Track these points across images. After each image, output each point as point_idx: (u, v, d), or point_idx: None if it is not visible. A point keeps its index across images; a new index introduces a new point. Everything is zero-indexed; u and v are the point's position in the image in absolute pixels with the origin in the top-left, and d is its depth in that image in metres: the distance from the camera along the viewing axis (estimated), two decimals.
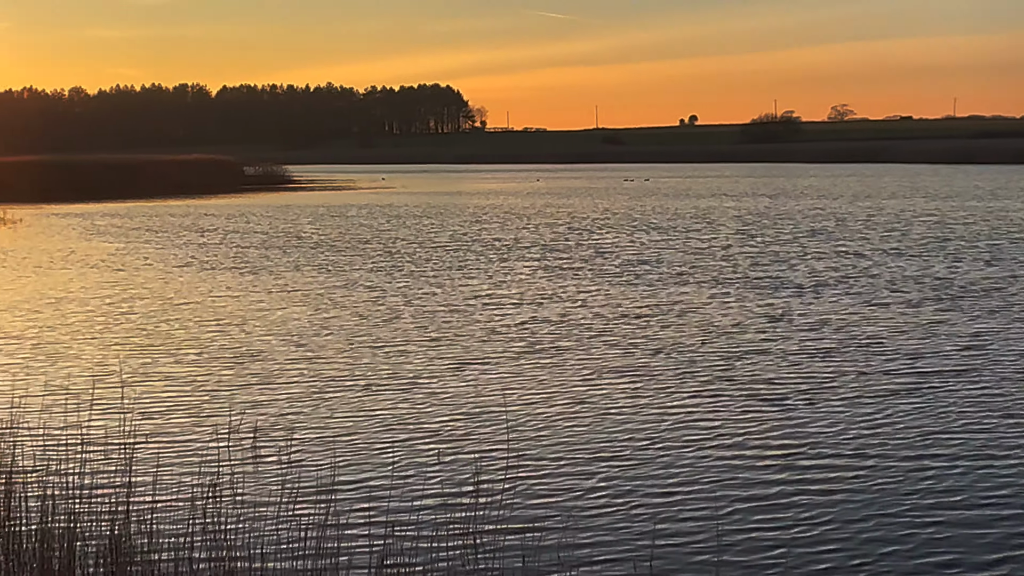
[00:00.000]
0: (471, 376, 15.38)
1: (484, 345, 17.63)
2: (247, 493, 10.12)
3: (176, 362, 16.58)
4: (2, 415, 12.44)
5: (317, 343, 18.01)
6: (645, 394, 14.20)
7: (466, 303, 22.39)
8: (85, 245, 37.53)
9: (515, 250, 33.71)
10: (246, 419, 12.90)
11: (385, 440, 12.13)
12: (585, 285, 25.04)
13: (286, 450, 11.66)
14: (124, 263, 31.38)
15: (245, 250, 34.92)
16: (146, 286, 26.03)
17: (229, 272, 28.82)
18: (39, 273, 29.01)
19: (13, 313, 21.76)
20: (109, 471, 10.35)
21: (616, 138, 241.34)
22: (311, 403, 13.90)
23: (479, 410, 13.44)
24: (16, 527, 8.06)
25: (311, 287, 25.42)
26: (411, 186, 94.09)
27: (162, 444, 11.88)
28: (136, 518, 8.42)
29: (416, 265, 29.75)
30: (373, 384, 14.93)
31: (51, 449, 11.28)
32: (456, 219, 48.72)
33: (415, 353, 17.06)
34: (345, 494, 10.20)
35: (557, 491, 10.39)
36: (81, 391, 14.17)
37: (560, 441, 12.06)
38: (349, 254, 33.16)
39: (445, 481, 10.64)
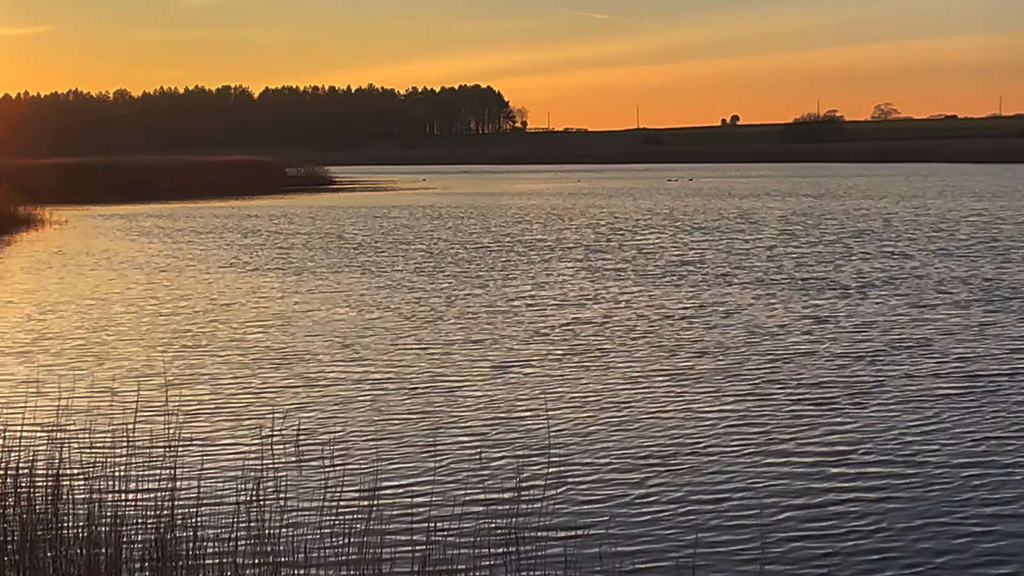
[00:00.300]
0: (514, 378, 15.32)
1: (527, 347, 17.55)
2: (290, 495, 10.11)
3: (220, 364, 16.62)
4: (49, 416, 12.50)
5: (360, 345, 18.00)
6: (690, 397, 14.06)
7: (509, 305, 22.32)
8: (129, 246, 37.80)
9: (557, 251, 33.58)
10: (289, 421, 12.92)
11: (428, 442, 12.10)
12: (628, 286, 24.89)
13: (329, 452, 11.66)
14: (168, 264, 31.57)
15: (288, 251, 35.03)
16: (190, 287, 26.15)
17: (272, 273, 28.91)
18: (84, 274, 29.23)
19: (59, 314, 21.92)
20: (154, 473, 10.40)
21: (657, 138, 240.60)
22: (354, 405, 13.90)
23: (521, 413, 13.38)
24: (63, 528, 8.10)
25: (354, 288, 25.44)
26: (452, 187, 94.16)
27: (206, 446, 11.92)
28: (181, 520, 8.44)
29: (459, 266, 29.70)
30: (416, 386, 14.91)
31: (97, 450, 11.33)
32: (498, 220, 48.65)
33: (458, 355, 17.02)
34: (388, 497, 10.17)
35: (600, 496, 10.32)
36: (127, 393, 14.25)
37: (603, 445, 11.98)
38: (392, 255, 33.18)
39: (487, 484, 10.60)
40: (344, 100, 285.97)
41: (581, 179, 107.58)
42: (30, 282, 27.49)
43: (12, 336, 19.25)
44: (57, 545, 7.91)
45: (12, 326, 20.40)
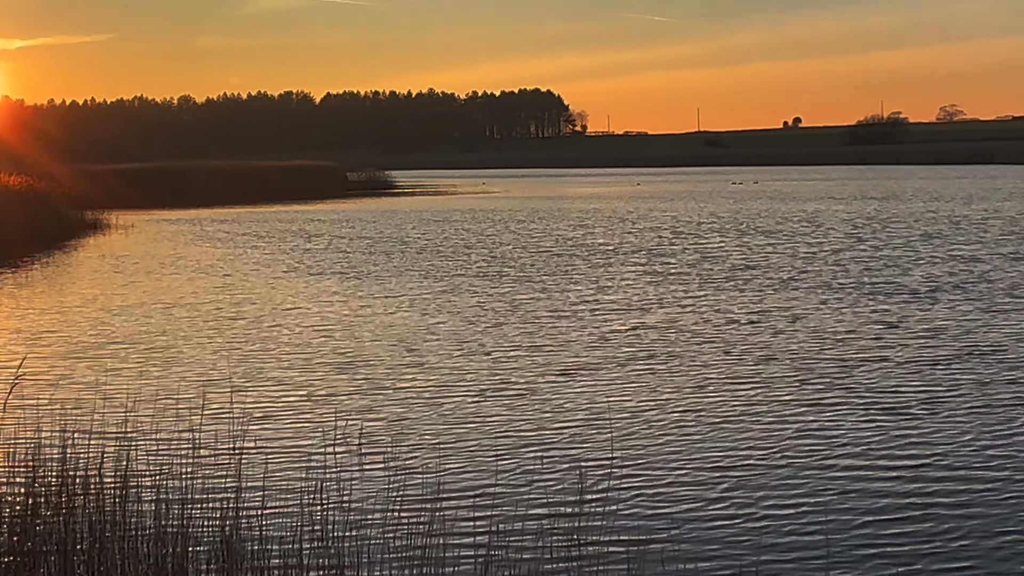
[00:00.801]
0: (577, 383, 15.26)
1: (590, 352, 17.46)
2: (354, 497, 10.14)
3: (284, 367, 16.72)
4: (117, 418, 12.60)
5: (423, 349, 18.00)
6: (756, 403, 13.89)
7: (571, 308, 22.22)
8: (194, 250, 38.17)
9: (620, 255, 33.42)
10: (353, 424, 12.96)
11: (490, 446, 12.10)
12: (692, 291, 24.67)
13: (392, 456, 11.68)
14: (232, 268, 31.81)
15: (350, 255, 35.17)
16: (254, 291, 26.33)
17: (335, 277, 29.03)
18: (149, 278, 29.54)
19: (125, 318, 22.15)
20: (220, 475, 10.49)
21: (718, 141, 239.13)
22: (417, 408, 13.92)
23: (584, 417, 13.33)
24: (131, 528, 8.18)
25: (416, 292, 25.46)
26: (512, 190, 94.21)
27: (271, 448, 11.99)
28: (246, 521, 8.50)
29: (520, 270, 29.65)
30: (478, 390, 14.91)
31: (164, 452, 11.42)
32: (559, 223, 48.53)
33: (521, 359, 16.98)
34: (450, 500, 10.18)
35: (663, 500, 10.24)
36: (192, 396, 14.39)
37: (667, 449, 11.90)
38: (454, 259, 33.18)
39: (550, 489, 10.55)
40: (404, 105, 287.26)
41: (640, 182, 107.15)
42: (96, 286, 27.82)
43: (80, 340, 19.47)
44: (125, 544, 7.99)
45: (80, 330, 20.64)
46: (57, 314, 22.74)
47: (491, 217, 54.56)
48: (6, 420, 12.10)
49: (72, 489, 8.50)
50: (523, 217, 53.90)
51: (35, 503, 8.17)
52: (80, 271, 31.54)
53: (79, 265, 33.38)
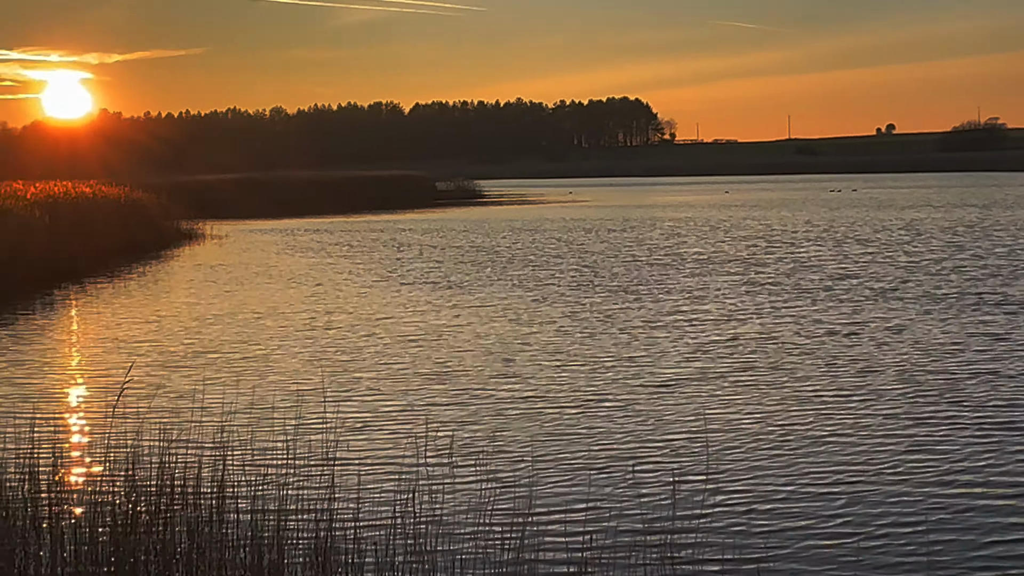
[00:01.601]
0: (671, 395, 15.14)
1: (685, 363, 17.31)
2: (446, 507, 10.17)
3: (377, 377, 16.81)
4: (213, 426, 12.63)
5: (516, 359, 17.93)
6: (858, 417, 13.56)
7: (666, 319, 21.97)
8: (286, 260, 38.52)
9: (714, 264, 33.03)
10: (445, 434, 13.00)
11: (583, 458, 12.05)
12: (789, 301, 24.26)
13: (485, 465, 11.70)
14: (324, 278, 32.01)
15: (442, 265, 35.21)
16: (346, 301, 26.44)
17: (427, 287, 29.05)
18: (243, 288, 29.83)
19: (219, 327, 22.34)
20: (314, 483, 10.60)
21: (809, 148, 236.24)
22: (510, 419, 13.92)
23: (679, 430, 13.22)
24: (228, 534, 8.31)
25: (508, 302, 25.35)
26: (600, 199, 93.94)
27: (364, 457, 12.08)
28: (340, 527, 8.57)
29: (613, 280, 29.41)
30: (571, 401, 14.85)
31: (259, 460, 11.46)
32: (651, 233, 48.16)
33: (613, 370, 16.90)
34: (542, 509, 10.16)
35: (759, 516, 10.08)
36: (286, 404, 14.54)
37: (763, 464, 11.72)
38: (544, 269, 33.03)
39: (643, 501, 10.46)
40: (493, 114, 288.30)
41: (729, 191, 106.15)
42: (191, 296, 28.15)
43: (176, 350, 19.68)
44: (222, 550, 8.12)
45: (175, 340, 20.86)
46: (153, 324, 23.03)
47: (582, 226, 54.34)
48: (109, 428, 12.21)
49: (171, 496, 8.67)
50: (614, 226, 53.60)
51: (135, 509, 8.33)
52: (175, 281, 31.98)
53: (174, 275, 33.86)
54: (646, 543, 9.21)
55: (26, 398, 15.28)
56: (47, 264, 32.43)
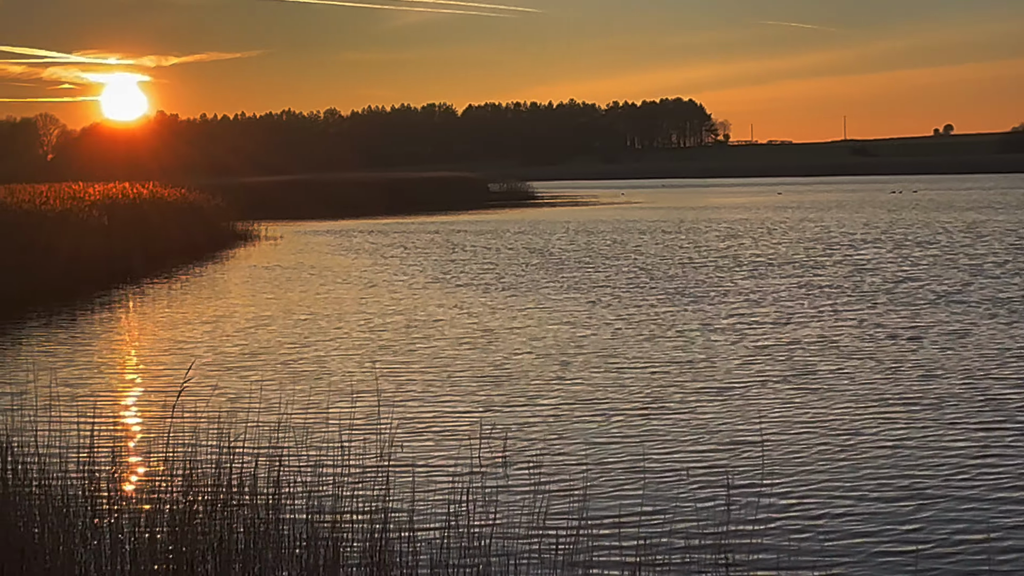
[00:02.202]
0: (727, 398, 15.05)
1: (741, 366, 17.18)
2: (501, 507, 10.16)
3: (431, 377, 16.88)
4: (270, 426, 12.67)
5: (569, 361, 17.88)
6: (917, 422, 13.41)
7: (722, 322, 21.84)
8: (340, 261, 38.68)
9: (770, 266, 32.75)
10: (499, 434, 13.01)
11: (637, 459, 12.01)
12: (848, 304, 23.95)
13: (539, 467, 11.70)
14: (377, 279, 32.10)
15: (494, 267, 35.18)
16: (399, 303, 26.49)
17: (480, 288, 29.03)
18: (297, 289, 29.97)
19: (274, 328, 22.45)
20: (369, 482, 10.62)
21: (865, 149, 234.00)
22: (563, 421, 13.91)
23: (733, 433, 13.14)
24: (284, 532, 8.36)
25: (562, 305, 25.27)
26: (653, 201, 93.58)
27: (418, 457, 12.14)
28: (395, 527, 8.57)
29: (668, 282, 29.25)
30: (625, 403, 14.83)
31: (314, 459, 11.50)
32: (706, 235, 47.85)
33: (668, 372, 16.85)
34: (596, 511, 10.13)
35: (812, 517, 10.02)
36: (341, 404, 14.60)
37: (819, 467, 11.63)
38: (598, 271, 32.92)
39: (697, 504, 10.42)
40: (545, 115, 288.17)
41: (782, 192, 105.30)
42: (246, 296, 28.34)
43: (231, 350, 19.80)
44: (279, 548, 8.19)
45: (231, 340, 21.00)
46: (210, 324, 23.19)
47: (636, 228, 54.13)
48: (167, 427, 12.28)
49: (228, 494, 8.72)
50: (668, 228, 53.32)
51: (193, 507, 8.41)
52: (231, 282, 32.20)
53: (230, 276, 34.10)
54: (700, 546, 9.16)
55: (85, 397, 15.42)
56: (105, 265, 32.80)
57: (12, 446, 8.85)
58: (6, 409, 10.15)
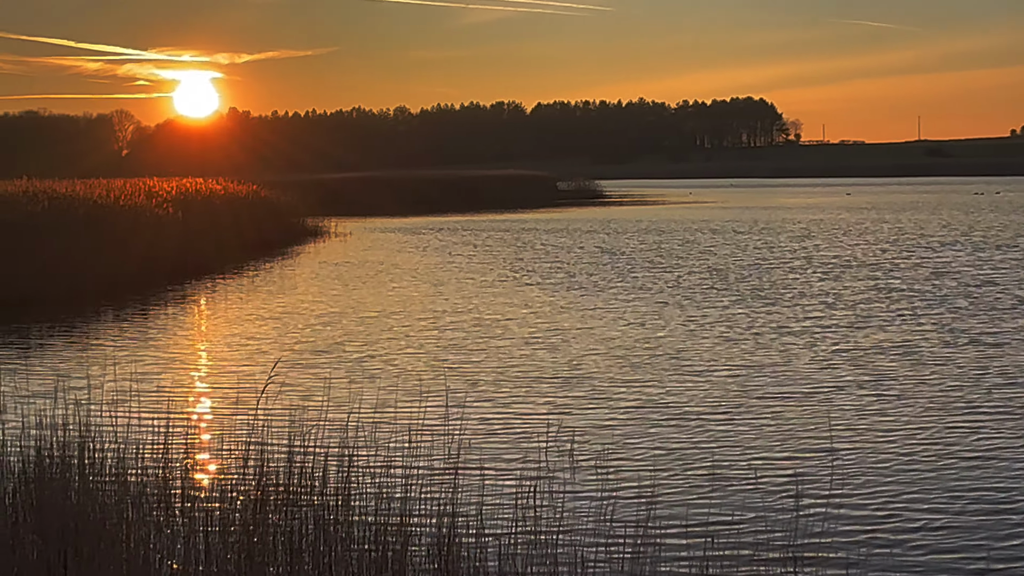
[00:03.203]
0: (797, 400, 14.92)
1: (812, 369, 17.04)
2: (568, 506, 10.19)
3: (498, 375, 16.94)
4: (339, 419, 12.76)
5: (638, 361, 17.90)
6: (995, 431, 13.20)
7: (794, 324, 21.61)
8: (409, 258, 38.88)
9: (844, 268, 32.33)
10: (566, 433, 13.03)
11: (705, 460, 11.99)
12: (924, 308, 23.50)
13: (606, 465, 11.72)
14: (446, 277, 32.22)
15: (563, 265, 35.16)
16: (468, 300, 26.59)
17: (549, 287, 29.02)
18: (367, 285, 30.19)
19: (344, 324, 22.67)
20: (437, 478, 10.66)
21: (940, 150, 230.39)
22: (632, 420, 13.91)
23: (803, 436, 13.05)
24: (353, 526, 8.47)
25: (631, 304, 25.21)
26: (722, 200, 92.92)
27: (486, 455, 12.17)
28: (463, 523, 8.65)
29: (739, 283, 29.01)
30: (694, 404, 14.78)
31: (383, 455, 11.58)
32: (778, 236, 47.40)
33: (738, 374, 16.76)
34: (664, 512, 10.11)
35: (882, 519, 9.95)
36: (409, 401, 14.71)
37: (890, 474, 11.50)
38: (668, 271, 32.75)
39: (765, 505, 10.37)
40: (614, 114, 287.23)
41: (851, 192, 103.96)
42: (317, 292, 28.60)
43: (300, 346, 20.00)
44: (347, 541, 8.29)
45: (300, 336, 21.20)
46: (279, 320, 23.46)
47: (706, 227, 53.79)
48: (239, 424, 12.45)
49: (298, 487, 8.86)
50: (738, 228, 52.91)
51: (264, 502, 8.52)
52: (301, 277, 32.51)
53: (300, 272, 34.43)
54: (768, 552, 9.12)
55: (159, 392, 15.66)
56: (178, 259, 33.27)
57: (90, 439, 9.01)
58: (83, 402, 10.33)
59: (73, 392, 14.41)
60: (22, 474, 8.74)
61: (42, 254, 27.74)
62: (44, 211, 29.95)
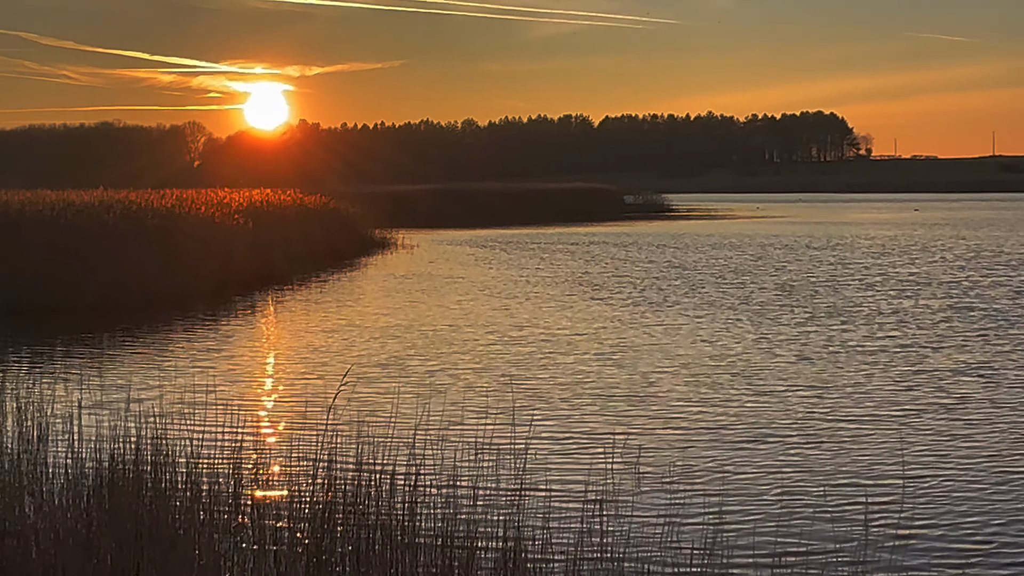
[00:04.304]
0: (869, 422, 14.74)
1: (886, 391, 16.75)
2: (634, 520, 10.15)
3: (565, 388, 16.94)
4: (407, 431, 12.81)
5: (707, 378, 17.84)
6: None
7: (867, 344, 21.09)
8: (476, 271, 38.99)
9: (921, 287, 31.54)
10: (632, 448, 13.02)
11: (772, 480, 11.92)
12: (1006, 329, 22.79)
13: (673, 480, 11.71)
14: (514, 291, 32.25)
15: (631, 280, 35.04)
16: (534, 314, 26.60)
17: (614, 302, 28.98)
18: (434, 298, 30.34)
19: (411, 337, 22.82)
20: (504, 489, 10.73)
21: (1016, 166, 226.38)
22: (699, 437, 13.87)
23: (875, 457, 12.94)
24: (419, 535, 8.55)
25: (700, 320, 25.09)
26: (790, 215, 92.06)
27: (552, 469, 12.20)
28: (529, 533, 8.68)
29: (811, 300, 28.54)
30: (763, 422, 14.68)
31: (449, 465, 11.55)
32: (849, 251, 46.72)
33: (808, 394, 16.58)
34: (730, 528, 10.08)
35: (954, 551, 9.84)
36: (475, 413, 14.79)
37: (964, 499, 11.33)
38: (738, 287, 32.50)
39: (834, 525, 10.26)
40: (682, 128, 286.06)
41: (918, 208, 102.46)
42: (382, 305, 28.80)
43: (367, 358, 20.12)
44: (414, 551, 8.36)
45: (365, 348, 21.36)
46: (347, 331, 23.67)
47: (778, 243, 53.27)
48: (307, 433, 12.57)
49: (366, 494, 8.95)
50: (810, 244, 52.22)
51: (333, 511, 8.62)
52: (368, 289, 32.75)
53: (368, 283, 34.68)
54: (837, 560, 9.06)
55: (230, 400, 15.82)
56: (248, 269, 33.68)
57: (161, 447, 9.15)
58: (154, 411, 10.51)
59: (145, 401, 14.67)
60: (96, 479, 8.89)
61: (115, 263, 28.23)
62: (118, 220, 30.49)
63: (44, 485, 9.08)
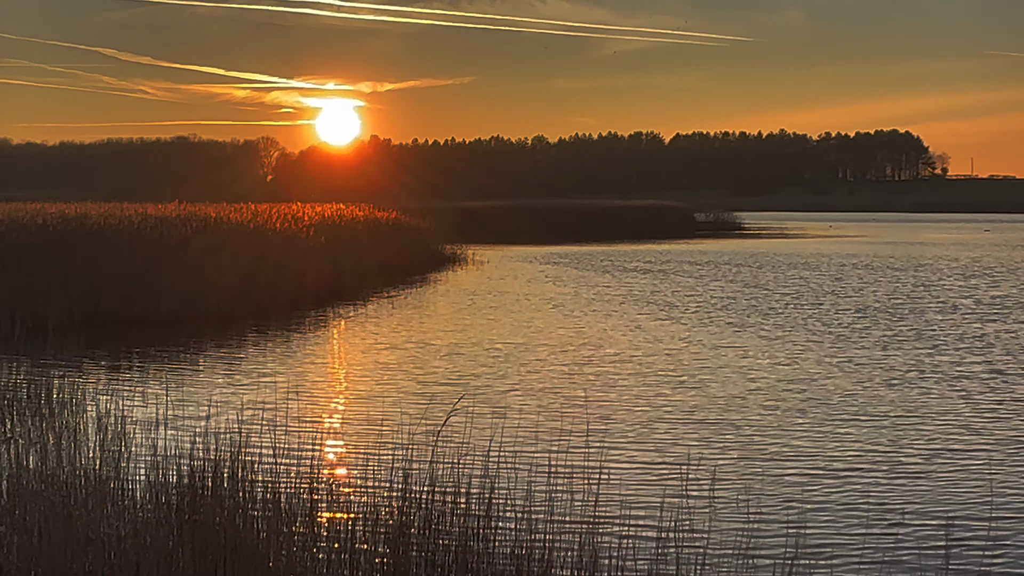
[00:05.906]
0: (953, 449, 14.52)
1: (971, 417, 16.39)
2: (709, 542, 10.15)
3: (639, 410, 16.90)
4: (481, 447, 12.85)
5: (783, 400, 17.68)
6: None
7: (953, 370, 20.47)
8: (547, 287, 38.99)
9: (1009, 310, 30.71)
10: (706, 467, 12.98)
11: (852, 504, 11.84)
12: None
13: (746, 501, 11.65)
14: (585, 308, 32.17)
15: (704, 299, 34.79)
16: (606, 333, 26.51)
17: (687, 322, 28.79)
18: (505, 314, 30.38)
19: (482, 353, 22.86)
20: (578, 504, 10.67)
21: None
22: (774, 458, 13.80)
23: (959, 486, 12.86)
24: (494, 549, 8.68)
25: (776, 341, 24.82)
26: (863, 235, 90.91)
27: (626, 486, 12.19)
28: (605, 548, 8.73)
29: (894, 323, 27.77)
30: (842, 447, 14.55)
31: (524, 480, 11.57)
32: (932, 272, 45.68)
33: (891, 418, 16.36)
34: (806, 549, 9.94)
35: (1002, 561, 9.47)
36: (550, 429, 14.76)
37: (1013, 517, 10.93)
38: (816, 307, 32.07)
39: (920, 552, 10.19)
40: (754, 145, 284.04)
41: (990, 229, 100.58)
42: (453, 321, 28.92)
43: (440, 374, 20.17)
44: (488, 568, 8.45)
45: (439, 364, 21.43)
46: (419, 347, 23.85)
47: (854, 262, 52.52)
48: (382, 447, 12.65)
49: (441, 507, 9.06)
50: (888, 265, 51.27)
51: (407, 523, 8.73)
52: (439, 305, 32.89)
53: (439, 299, 34.83)
54: None
55: (303, 414, 16.00)
56: (321, 283, 34.00)
57: (241, 459, 9.26)
58: (232, 423, 10.65)
59: (224, 413, 14.85)
60: (177, 491, 9.03)
61: (192, 276, 28.66)
62: (195, 234, 30.95)
63: (126, 496, 9.25)
